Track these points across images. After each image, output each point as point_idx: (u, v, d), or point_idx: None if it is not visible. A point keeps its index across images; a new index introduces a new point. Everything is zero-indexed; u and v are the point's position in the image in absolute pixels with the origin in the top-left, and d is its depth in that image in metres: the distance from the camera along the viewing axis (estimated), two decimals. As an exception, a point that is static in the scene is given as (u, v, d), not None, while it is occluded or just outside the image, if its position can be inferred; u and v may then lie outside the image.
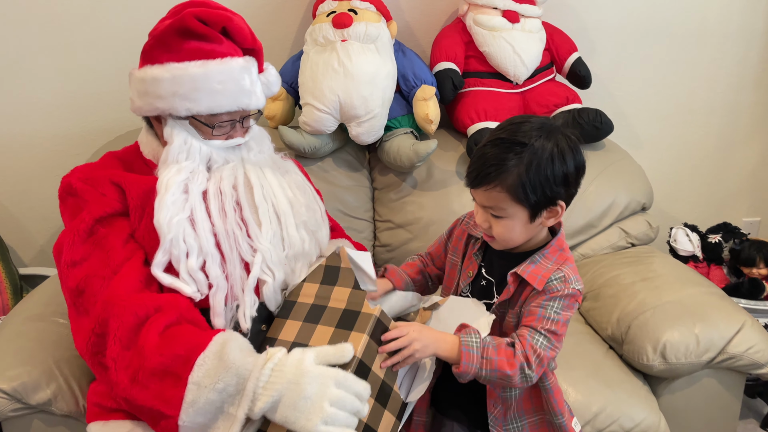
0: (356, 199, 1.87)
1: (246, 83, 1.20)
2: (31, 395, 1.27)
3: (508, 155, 1.02)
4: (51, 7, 1.93)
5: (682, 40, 2.22)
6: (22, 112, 2.03)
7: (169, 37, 1.17)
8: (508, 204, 1.04)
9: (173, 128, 1.20)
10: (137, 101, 1.22)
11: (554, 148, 1.02)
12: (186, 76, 1.15)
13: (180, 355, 1.02)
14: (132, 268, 1.14)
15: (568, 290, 1.07)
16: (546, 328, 1.06)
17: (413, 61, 1.88)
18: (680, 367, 1.42)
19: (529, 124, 1.05)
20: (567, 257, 1.12)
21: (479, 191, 1.07)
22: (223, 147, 1.24)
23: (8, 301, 1.91)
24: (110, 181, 1.19)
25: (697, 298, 1.52)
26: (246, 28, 1.22)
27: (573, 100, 1.96)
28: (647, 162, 2.19)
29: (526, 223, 1.07)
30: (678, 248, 2.06)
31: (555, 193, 1.04)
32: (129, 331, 1.07)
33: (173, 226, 1.13)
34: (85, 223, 1.15)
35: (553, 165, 1.02)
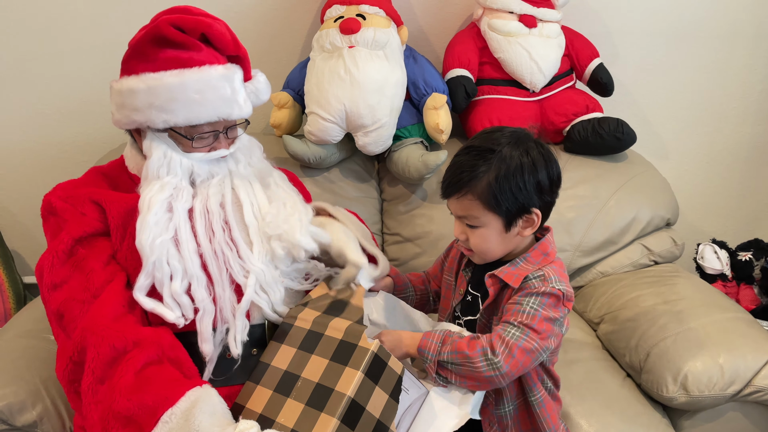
0: (364, 210, 1.80)
1: (227, 92, 1.14)
2: (17, 417, 1.24)
3: (477, 162, 1.04)
4: (57, 14, 1.91)
5: (712, 43, 2.11)
6: (29, 119, 2.02)
7: (144, 46, 1.13)
8: (480, 212, 1.05)
9: (152, 141, 1.15)
10: (116, 114, 1.18)
11: (523, 156, 1.04)
12: (161, 87, 1.10)
13: (148, 406, 0.97)
14: (113, 292, 1.09)
15: (546, 288, 1.04)
16: (519, 320, 1.03)
17: (424, 67, 1.81)
18: (703, 400, 1.32)
19: (500, 133, 1.07)
20: (551, 261, 1.10)
21: (453, 200, 1.08)
22: (206, 160, 1.18)
23: (11, 310, 1.89)
24: (90, 199, 1.15)
25: (723, 324, 1.42)
26: (227, 34, 1.16)
27: (593, 109, 1.86)
28: (673, 174, 2.10)
29: (502, 233, 1.07)
30: (705, 266, 1.95)
31: (527, 200, 1.04)
32: (104, 364, 1.02)
33: (156, 247, 1.07)
34: (64, 243, 1.11)
35: (523, 172, 1.03)
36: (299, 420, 0.99)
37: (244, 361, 1.12)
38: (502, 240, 1.07)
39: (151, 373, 1.02)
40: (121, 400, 0.98)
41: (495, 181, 1.02)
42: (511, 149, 1.04)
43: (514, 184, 1.03)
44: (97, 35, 1.94)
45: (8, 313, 1.88)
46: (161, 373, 1.02)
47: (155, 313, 1.08)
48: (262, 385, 1.09)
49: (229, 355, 1.12)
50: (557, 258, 1.12)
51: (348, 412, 0.96)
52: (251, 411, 1.06)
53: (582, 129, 1.80)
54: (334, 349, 1.05)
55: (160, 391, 0.99)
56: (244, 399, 1.09)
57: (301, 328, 1.13)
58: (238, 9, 1.92)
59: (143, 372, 1.02)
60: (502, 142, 1.05)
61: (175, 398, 0.98)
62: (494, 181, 1.02)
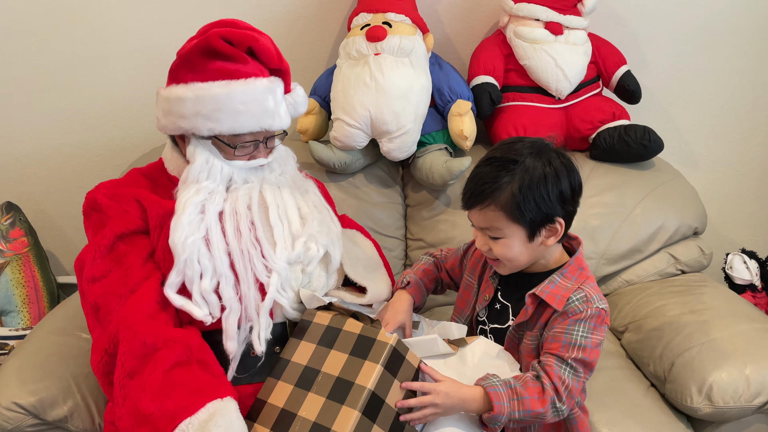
0: (388, 216, 1.82)
1: (269, 104, 1.18)
2: (49, 411, 1.27)
3: (500, 173, 1.04)
4: (95, 23, 1.97)
5: (742, 49, 2.07)
6: (66, 123, 2.08)
7: (194, 57, 1.17)
8: (504, 223, 1.05)
9: (196, 147, 1.19)
10: (162, 120, 1.22)
11: (547, 166, 1.04)
12: (209, 96, 1.15)
13: (169, 411, 1.01)
14: (149, 289, 1.13)
15: (591, 310, 1.04)
16: (573, 356, 1.03)
17: (449, 74, 1.82)
18: (728, 412, 1.30)
19: (521, 143, 1.07)
20: (587, 276, 1.11)
21: (474, 212, 1.08)
22: (245, 167, 1.22)
23: (45, 309, 1.95)
24: (134, 198, 1.20)
25: (750, 335, 1.40)
26: (272, 48, 1.20)
27: (620, 116, 1.85)
28: (703, 182, 2.07)
29: (525, 242, 1.07)
30: (734, 276, 1.91)
31: (551, 210, 1.05)
32: (135, 359, 1.06)
33: (188, 246, 1.12)
34: (106, 239, 1.16)
35: (546, 182, 1.03)
36: (321, 413, 1.01)
37: (268, 358, 1.15)
38: (525, 249, 1.07)
39: (178, 376, 1.05)
40: (145, 400, 1.01)
41: (519, 191, 1.02)
42: (534, 160, 1.04)
43: (538, 195, 1.03)
44: (133, 43, 1.99)
45: (42, 311, 1.94)
46: (187, 378, 1.06)
47: (184, 311, 1.12)
48: (283, 380, 1.11)
49: (252, 353, 1.15)
50: (591, 273, 1.13)
51: (368, 405, 0.98)
52: (273, 406, 1.09)
53: (608, 136, 1.79)
54: (353, 344, 1.07)
55: (182, 398, 1.02)
56: (266, 394, 1.12)
57: (320, 324, 1.15)
58: (267, 17, 1.96)
59: (171, 372, 1.05)
60: (524, 152, 1.05)
61: (195, 408, 1.02)
62: (518, 191, 1.02)
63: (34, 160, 2.13)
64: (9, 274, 1.91)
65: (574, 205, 1.09)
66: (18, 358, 1.37)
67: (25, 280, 1.92)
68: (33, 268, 1.95)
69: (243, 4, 1.94)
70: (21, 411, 1.26)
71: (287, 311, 1.19)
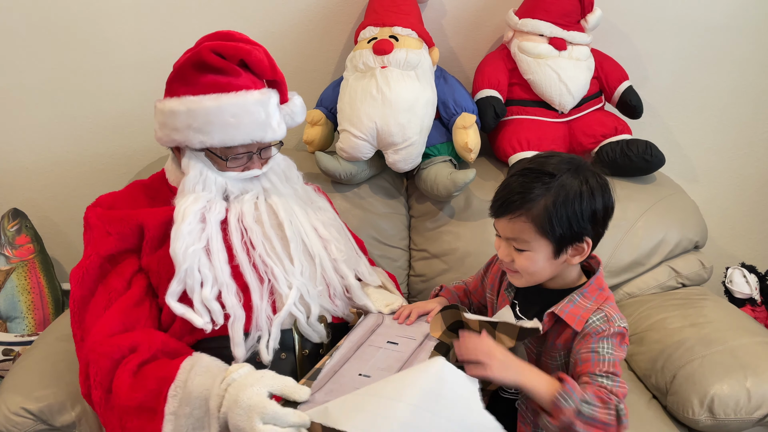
0: (392, 226, 1.83)
1: (261, 116, 1.19)
2: (56, 417, 1.29)
3: (535, 185, 1.01)
4: (103, 33, 1.99)
5: (742, 67, 2.10)
6: (72, 132, 2.10)
7: (186, 71, 1.19)
8: (532, 236, 1.02)
9: (190, 159, 1.21)
10: (158, 132, 1.25)
11: (583, 184, 1.01)
12: (200, 110, 1.16)
13: (152, 390, 1.03)
14: (116, 309, 1.15)
15: (613, 328, 1.03)
16: (605, 370, 1.01)
17: (454, 87, 1.85)
18: (729, 424, 1.31)
19: (558, 158, 1.05)
20: (607, 296, 1.08)
21: (503, 221, 1.05)
22: (239, 178, 1.24)
23: (50, 315, 1.96)
24: (127, 222, 1.21)
25: (751, 348, 1.41)
26: (265, 60, 1.22)
27: (622, 131, 1.88)
28: (703, 196, 2.09)
29: (550, 258, 1.04)
30: (734, 290, 1.93)
31: (582, 228, 1.02)
32: (107, 375, 1.08)
33: (188, 256, 1.13)
34: (91, 260, 1.18)
35: (582, 200, 1.01)
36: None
37: (273, 365, 1.16)
38: (548, 265, 1.05)
39: (148, 368, 1.08)
40: (127, 396, 1.04)
41: (552, 206, 1.00)
42: (571, 176, 1.01)
43: (571, 211, 1.00)
44: (140, 54, 2.01)
45: (47, 318, 1.95)
46: (157, 364, 1.08)
47: (185, 318, 1.13)
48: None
49: (258, 359, 1.16)
50: (610, 293, 1.11)
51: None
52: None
53: (610, 150, 1.82)
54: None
55: (158, 374, 1.05)
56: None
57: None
58: (275, 29, 1.98)
59: (141, 369, 1.08)
60: (562, 167, 1.02)
61: (173, 374, 1.04)
62: (551, 205, 1.00)
63: (40, 168, 2.14)
64: (15, 280, 1.92)
65: (603, 227, 1.06)
66: (26, 364, 1.38)
67: (31, 287, 1.93)
68: (38, 275, 1.96)
69: (250, 17, 1.97)
70: (29, 416, 1.27)
71: (302, 326, 1.20)
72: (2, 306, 1.90)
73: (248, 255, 1.18)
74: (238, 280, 1.17)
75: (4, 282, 1.91)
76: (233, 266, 1.18)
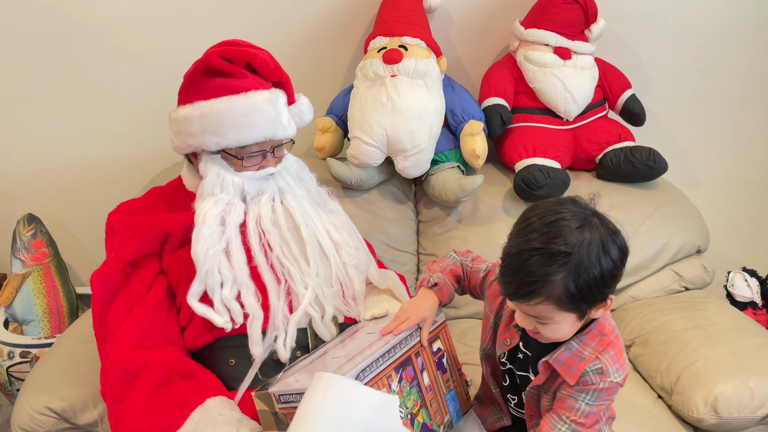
0: (401, 231, 1.87)
1: (271, 114, 1.24)
2: (79, 416, 1.32)
3: (551, 268, 0.92)
4: (119, 43, 2.03)
5: (743, 75, 2.15)
6: (86, 137, 2.14)
7: (196, 78, 1.24)
8: (554, 313, 0.97)
9: (207, 163, 1.26)
10: (174, 140, 1.29)
11: (599, 247, 0.93)
12: (212, 113, 1.21)
13: (157, 427, 1.06)
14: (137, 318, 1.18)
15: (604, 383, 1.00)
16: (572, 419, 1.01)
17: (462, 96, 1.89)
18: (732, 423, 1.35)
19: (566, 224, 0.93)
20: (609, 342, 1.03)
21: (522, 305, 0.98)
22: (255, 178, 1.28)
23: (65, 319, 1.99)
24: (150, 227, 1.25)
25: (753, 349, 1.45)
26: (270, 62, 1.26)
27: (626, 138, 1.92)
28: (705, 202, 2.12)
29: (574, 323, 1.00)
30: (735, 294, 1.96)
31: (605, 292, 0.97)
32: (120, 386, 1.12)
33: (209, 257, 1.17)
34: (113, 265, 1.22)
35: (600, 265, 0.93)
36: None
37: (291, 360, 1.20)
38: (573, 327, 1.01)
39: (162, 395, 1.10)
40: (134, 421, 1.07)
41: (574, 286, 0.93)
42: (587, 246, 0.92)
43: (594, 283, 0.93)
44: (152, 63, 2.05)
45: (62, 321, 1.98)
46: (171, 395, 1.11)
47: (205, 318, 1.17)
48: None
49: (275, 357, 1.20)
50: (614, 333, 1.05)
51: None
52: None
53: (614, 157, 1.86)
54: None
55: (168, 414, 1.08)
56: None
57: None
58: (286, 39, 2.02)
59: (155, 394, 1.10)
60: (573, 238, 0.92)
61: (181, 421, 1.07)
62: (573, 286, 0.93)
63: (54, 174, 2.18)
64: (30, 284, 1.96)
65: (622, 271, 0.99)
66: (48, 365, 1.42)
67: (46, 290, 1.97)
68: (54, 279, 1.99)
69: (261, 27, 2.01)
70: (53, 415, 1.30)
71: (317, 325, 1.24)
72: (18, 309, 1.94)
73: (266, 256, 1.22)
74: (256, 280, 1.21)
75: (20, 286, 1.95)
76: (251, 267, 1.22)
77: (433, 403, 1.14)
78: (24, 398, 1.33)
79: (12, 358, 1.84)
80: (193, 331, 1.23)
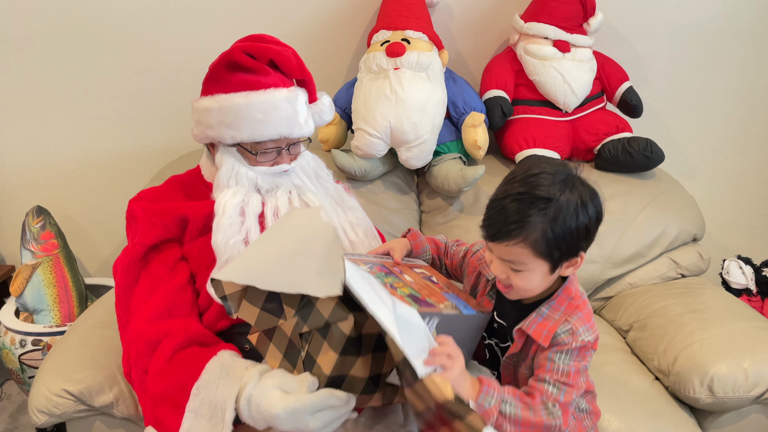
0: (404, 221, 1.91)
1: (288, 112, 1.25)
2: (95, 398, 1.35)
3: (530, 211, 0.99)
4: (120, 37, 2.07)
5: (737, 69, 2.19)
6: (93, 132, 2.18)
7: (219, 71, 1.26)
8: (529, 259, 1.02)
9: (222, 155, 1.29)
10: (194, 129, 1.32)
11: (578, 201, 1.00)
12: (231, 107, 1.23)
13: (178, 383, 1.09)
14: (159, 297, 1.21)
15: (576, 343, 1.05)
16: (555, 378, 1.05)
17: (463, 88, 1.93)
18: (727, 402, 1.40)
19: (548, 176, 1.01)
20: (576, 305, 1.08)
21: (499, 246, 1.03)
22: (269, 173, 1.30)
23: (74, 308, 2.03)
24: (171, 213, 1.28)
25: (748, 331, 1.50)
26: (293, 60, 1.28)
27: (623, 129, 1.96)
28: (701, 192, 2.18)
29: (546, 275, 1.05)
30: (731, 281, 2.01)
31: (578, 246, 1.03)
32: (144, 357, 1.15)
33: (229, 247, 1.20)
34: (136, 249, 1.25)
35: (577, 218, 1.00)
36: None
37: None
38: (544, 281, 1.06)
39: (181, 357, 1.13)
40: (157, 383, 1.11)
41: (551, 230, 0.99)
42: (565, 195, 1.00)
43: (568, 232, 1.00)
44: (158, 58, 2.09)
45: (72, 310, 2.02)
46: (189, 355, 1.14)
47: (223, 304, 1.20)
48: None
49: None
50: (582, 299, 1.10)
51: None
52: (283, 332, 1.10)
53: (612, 148, 1.90)
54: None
55: (187, 369, 1.10)
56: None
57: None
58: (290, 33, 2.06)
59: (174, 357, 1.13)
60: (554, 188, 1.00)
61: (198, 372, 1.09)
62: (549, 231, 0.99)
63: (61, 167, 2.21)
64: (41, 274, 1.99)
65: (595, 234, 1.06)
66: (63, 350, 1.45)
67: (56, 280, 2.01)
68: (63, 269, 2.03)
69: (266, 21, 2.05)
70: (70, 397, 1.34)
71: None
72: (29, 299, 1.97)
73: None
74: None
75: (30, 276, 1.98)
76: None
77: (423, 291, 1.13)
78: (41, 382, 1.36)
79: (24, 346, 1.87)
80: (211, 317, 1.26)
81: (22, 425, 2.11)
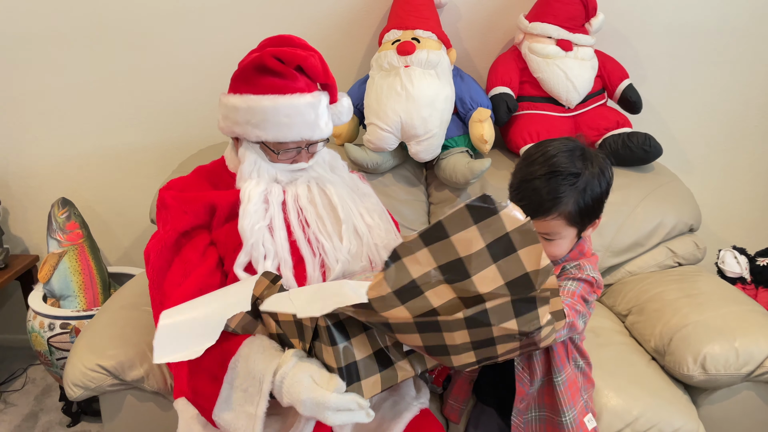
0: (413, 212, 1.99)
1: (311, 117, 1.33)
2: (127, 373, 1.45)
3: (562, 187, 1.11)
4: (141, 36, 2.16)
5: (734, 66, 2.26)
6: (115, 126, 2.27)
7: (249, 72, 1.33)
8: (562, 228, 1.15)
9: (246, 149, 1.37)
10: (221, 122, 1.39)
11: (598, 170, 1.14)
12: (258, 108, 1.31)
13: (216, 356, 1.15)
14: (195, 278, 1.29)
15: (582, 275, 1.17)
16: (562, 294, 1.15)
17: (470, 85, 2.01)
18: (719, 379, 1.47)
19: (567, 153, 1.13)
20: (588, 258, 1.21)
21: (535, 222, 1.13)
22: (288, 169, 1.38)
23: (98, 294, 2.12)
24: (200, 202, 1.36)
25: (740, 314, 1.58)
26: (319, 65, 1.35)
27: (623, 125, 2.04)
28: (698, 185, 2.25)
29: (573, 240, 1.19)
30: (726, 270, 2.08)
31: (600, 209, 1.18)
32: None
33: (255, 232, 1.29)
34: (168, 235, 1.33)
35: (600, 185, 1.15)
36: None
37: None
38: (571, 244, 1.19)
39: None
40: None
41: (582, 201, 1.12)
42: (590, 169, 1.13)
43: (596, 200, 1.14)
44: (179, 56, 2.18)
45: (96, 296, 2.11)
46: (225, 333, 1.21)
47: None
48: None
49: None
50: (593, 254, 1.24)
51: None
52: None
53: (613, 142, 1.99)
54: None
55: (222, 343, 1.17)
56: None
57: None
58: (304, 32, 2.13)
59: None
60: (577, 163, 1.13)
61: (236, 347, 1.16)
62: (582, 201, 1.12)
63: (84, 161, 2.31)
64: (67, 262, 2.09)
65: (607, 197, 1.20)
66: (95, 329, 1.55)
67: (81, 268, 2.10)
68: (88, 258, 2.12)
69: (280, 21, 2.14)
70: (103, 372, 1.44)
71: None
72: (56, 285, 2.07)
73: (304, 231, 1.34)
74: (294, 254, 1.33)
75: (57, 264, 2.08)
76: (291, 242, 1.34)
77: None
78: (76, 358, 1.46)
79: (53, 330, 1.97)
80: None
81: (47, 407, 2.21)
